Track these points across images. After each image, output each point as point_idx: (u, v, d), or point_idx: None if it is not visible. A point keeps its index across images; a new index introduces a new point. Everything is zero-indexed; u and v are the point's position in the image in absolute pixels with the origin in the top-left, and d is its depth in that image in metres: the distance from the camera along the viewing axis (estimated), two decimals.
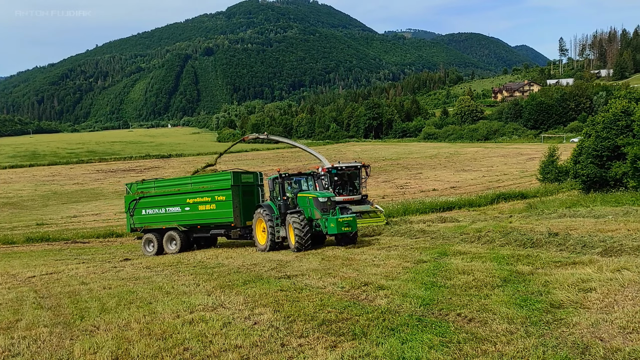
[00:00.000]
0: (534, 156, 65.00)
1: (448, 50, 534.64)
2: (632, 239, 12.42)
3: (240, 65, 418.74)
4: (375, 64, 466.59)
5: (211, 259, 17.53)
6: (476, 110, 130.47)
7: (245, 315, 8.70)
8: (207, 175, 21.77)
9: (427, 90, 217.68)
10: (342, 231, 16.59)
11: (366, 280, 10.93)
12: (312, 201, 17.38)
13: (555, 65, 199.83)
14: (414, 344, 6.57)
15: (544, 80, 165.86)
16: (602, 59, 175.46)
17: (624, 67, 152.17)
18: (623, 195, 25.52)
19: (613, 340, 6.14)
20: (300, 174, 19.48)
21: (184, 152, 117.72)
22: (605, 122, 29.75)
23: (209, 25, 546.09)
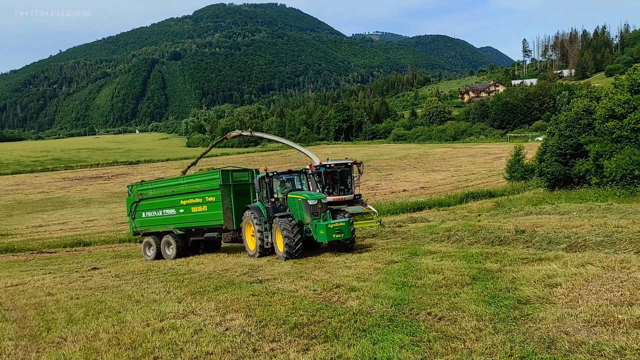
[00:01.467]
0: (500, 155, 66.21)
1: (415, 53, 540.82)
2: (595, 235, 12.76)
3: (208, 70, 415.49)
4: (344, 67, 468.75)
5: (182, 266, 17.33)
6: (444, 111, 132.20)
7: (216, 322, 8.64)
8: (198, 175, 20.30)
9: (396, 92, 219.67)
10: (333, 239, 14.85)
11: (338, 283, 10.97)
12: (301, 203, 15.73)
13: (520, 66, 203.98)
14: (385, 344, 6.63)
15: (508, 81, 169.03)
16: (564, 59, 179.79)
17: (585, 67, 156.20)
18: (586, 192, 26.19)
19: (578, 334, 6.30)
20: (290, 172, 17.77)
21: (153, 158, 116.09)
22: (568, 121, 30.51)
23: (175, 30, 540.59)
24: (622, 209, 18.21)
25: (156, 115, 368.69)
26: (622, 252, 10.97)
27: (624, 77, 28.73)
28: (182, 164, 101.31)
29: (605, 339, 5.99)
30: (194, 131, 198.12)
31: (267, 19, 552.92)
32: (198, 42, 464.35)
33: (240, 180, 18.99)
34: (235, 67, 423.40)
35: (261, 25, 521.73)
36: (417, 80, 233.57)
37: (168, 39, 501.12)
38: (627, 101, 25.37)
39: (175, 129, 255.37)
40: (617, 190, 23.76)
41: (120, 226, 37.87)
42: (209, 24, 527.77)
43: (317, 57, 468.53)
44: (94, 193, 64.41)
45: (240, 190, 18.77)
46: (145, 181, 22.61)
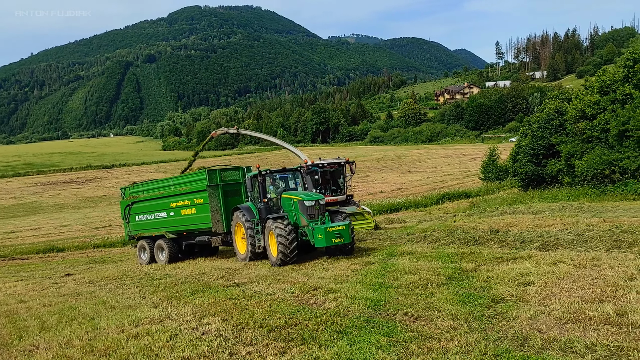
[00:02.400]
0: (475, 156, 67.00)
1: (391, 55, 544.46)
2: (567, 233, 13.01)
3: (184, 72, 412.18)
4: (320, 69, 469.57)
5: (158, 270, 17.16)
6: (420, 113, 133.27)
7: (193, 326, 8.57)
8: (186, 176, 19.40)
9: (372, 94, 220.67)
10: (333, 244, 13.81)
11: (315, 285, 10.98)
12: (296, 205, 14.56)
13: (493, 68, 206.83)
14: (362, 345, 6.65)
15: (482, 83, 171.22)
16: (536, 62, 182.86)
17: (557, 69, 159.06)
18: (559, 192, 26.66)
19: (550, 331, 6.41)
20: (285, 169, 16.58)
21: (128, 162, 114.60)
22: (540, 122, 31.04)
23: (150, 32, 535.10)
24: (593, 208, 18.60)
25: (131, 118, 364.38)
26: (593, 250, 11.21)
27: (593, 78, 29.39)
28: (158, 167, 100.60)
29: (576, 335, 6.11)
30: (170, 134, 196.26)
31: (242, 21, 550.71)
32: (173, 44, 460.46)
33: (229, 179, 17.74)
34: (211, 69, 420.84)
35: (237, 27, 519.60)
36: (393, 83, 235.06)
37: (142, 41, 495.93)
38: (597, 102, 25.92)
39: (150, 132, 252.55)
40: (588, 190, 24.24)
41: (94, 231, 37.30)
42: (184, 26, 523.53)
43: (293, 60, 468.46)
44: (68, 198, 63.31)
45: (230, 190, 17.55)
46: (137, 183, 21.87)
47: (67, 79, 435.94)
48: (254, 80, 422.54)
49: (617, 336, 5.92)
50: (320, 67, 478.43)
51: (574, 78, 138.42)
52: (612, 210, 16.85)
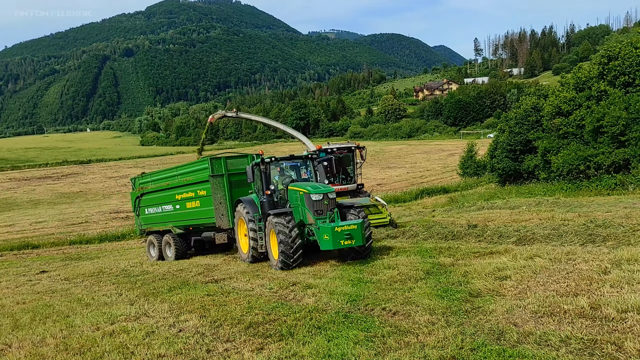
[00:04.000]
0: (454, 152, 67.55)
1: (371, 51, 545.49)
2: (543, 228, 13.18)
3: (162, 67, 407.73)
4: (300, 65, 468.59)
5: (135, 267, 16.95)
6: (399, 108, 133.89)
7: (170, 323, 8.47)
8: (189, 165, 17.58)
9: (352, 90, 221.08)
10: (341, 246, 11.63)
11: (294, 280, 10.95)
12: (302, 198, 12.56)
13: (472, 64, 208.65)
14: (340, 341, 6.65)
15: (461, 79, 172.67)
16: (513, 58, 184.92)
17: (534, 66, 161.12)
18: (535, 187, 27.02)
19: (526, 324, 6.47)
20: (293, 157, 14.54)
21: (105, 157, 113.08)
22: (517, 118, 31.41)
23: (127, 26, 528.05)
24: (568, 203, 18.86)
25: (108, 113, 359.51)
26: (568, 244, 11.38)
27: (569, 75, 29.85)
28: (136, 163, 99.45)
29: (551, 329, 6.18)
30: (148, 129, 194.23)
31: (222, 15, 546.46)
32: (151, 38, 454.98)
33: (237, 169, 15.83)
34: (190, 64, 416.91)
35: (216, 21, 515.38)
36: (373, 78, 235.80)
37: (120, 35, 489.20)
38: (573, 99, 26.30)
39: (128, 127, 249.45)
40: (564, 185, 24.60)
41: (70, 228, 36.75)
42: (162, 20, 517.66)
43: (273, 55, 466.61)
44: (43, 194, 62.22)
45: (236, 181, 15.69)
46: (145, 173, 20.55)
47: (42, 72, 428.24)
48: (233, 75, 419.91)
49: (591, 329, 6.01)
50: (300, 62, 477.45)
51: (551, 75, 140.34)
52: (587, 205, 17.09)
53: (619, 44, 26.20)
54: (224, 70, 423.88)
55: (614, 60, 24.83)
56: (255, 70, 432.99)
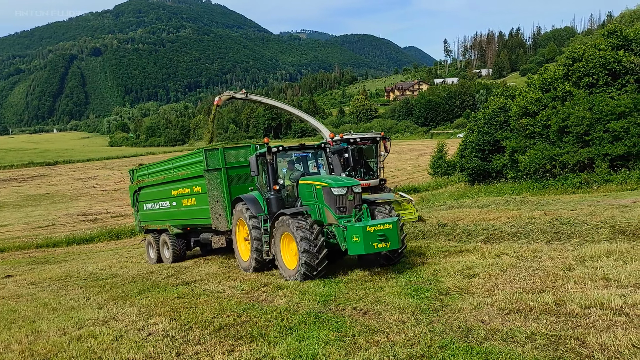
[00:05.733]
0: (425, 152, 68.25)
1: (342, 51, 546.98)
2: (510, 226, 13.43)
3: (131, 66, 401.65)
4: (272, 65, 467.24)
5: (104, 270, 16.70)
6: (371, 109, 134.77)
7: (139, 327, 8.36)
8: (185, 156, 15.58)
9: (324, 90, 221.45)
10: (375, 250, 9.83)
11: (266, 281, 10.93)
12: (320, 193, 10.72)
13: (441, 65, 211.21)
14: (311, 341, 6.66)
15: (431, 80, 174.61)
16: (482, 59, 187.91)
17: (502, 67, 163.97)
18: (503, 186, 27.52)
19: (493, 321, 6.59)
20: (303, 146, 12.50)
21: (73, 159, 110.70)
22: (486, 118, 31.95)
23: (95, 24, 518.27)
24: (535, 201, 19.27)
25: (76, 113, 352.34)
26: (535, 242, 11.63)
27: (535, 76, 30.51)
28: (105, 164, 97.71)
29: (517, 325, 6.31)
30: (117, 130, 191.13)
31: (192, 15, 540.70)
32: (120, 37, 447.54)
33: (237, 161, 13.92)
34: (159, 63, 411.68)
35: (186, 21, 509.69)
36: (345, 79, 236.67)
37: (87, 34, 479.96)
38: (539, 99, 26.87)
39: (96, 128, 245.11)
40: (531, 184, 25.11)
41: (37, 231, 35.93)
42: (131, 19, 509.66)
43: (244, 55, 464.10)
44: (8, 196, 60.56)
45: (236, 175, 13.81)
46: (142, 165, 18.93)
47: (6, 72, 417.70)
48: (204, 75, 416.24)
49: (556, 325, 6.15)
50: (272, 62, 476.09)
51: (518, 76, 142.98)
52: (553, 203, 17.48)
53: (583, 46, 26.87)
54: (194, 70, 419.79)
55: (579, 61, 25.46)
56: (227, 70, 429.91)
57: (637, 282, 7.46)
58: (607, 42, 25.50)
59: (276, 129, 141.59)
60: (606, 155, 22.80)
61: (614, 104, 22.98)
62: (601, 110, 23.05)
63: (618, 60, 24.25)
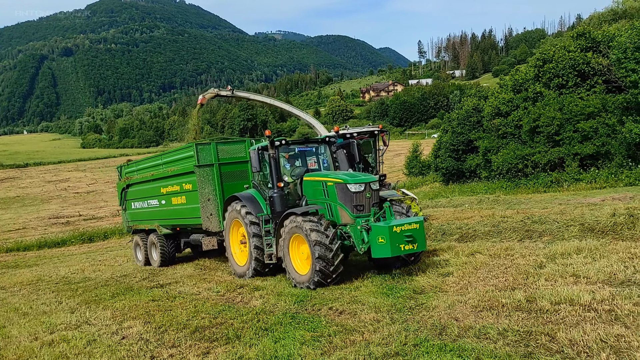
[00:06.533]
0: (400, 152, 68.68)
1: (318, 52, 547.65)
2: (483, 225, 13.63)
3: (104, 67, 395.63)
4: (247, 65, 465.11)
5: (77, 274, 16.43)
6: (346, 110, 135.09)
7: (112, 331, 8.27)
8: (175, 151, 14.80)
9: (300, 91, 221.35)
10: (402, 252, 9.17)
11: (242, 283, 10.90)
12: (332, 190, 9.98)
13: (416, 66, 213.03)
14: (287, 342, 6.67)
15: (406, 81, 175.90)
16: (455, 61, 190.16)
17: (475, 68, 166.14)
18: (477, 185, 27.87)
19: (466, 319, 6.69)
20: (307, 140, 12.03)
21: (44, 161, 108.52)
22: (460, 119, 32.33)
23: (66, 24, 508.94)
24: (507, 200, 19.56)
25: (46, 114, 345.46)
26: (507, 241, 11.83)
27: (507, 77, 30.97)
28: (77, 166, 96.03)
29: (490, 322, 6.41)
30: (90, 131, 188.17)
31: (166, 15, 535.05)
32: (92, 37, 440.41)
33: (231, 157, 13.20)
34: (133, 64, 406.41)
35: (160, 21, 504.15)
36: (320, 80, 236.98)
37: (58, 33, 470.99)
38: (511, 100, 27.29)
39: (68, 130, 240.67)
40: (504, 183, 25.48)
41: (7, 234, 35.15)
42: (104, 19, 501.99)
43: (219, 55, 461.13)
44: None
45: (230, 172, 13.09)
46: (131, 161, 18.04)
47: None
48: (178, 76, 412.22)
49: (527, 321, 6.27)
50: (247, 63, 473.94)
51: (491, 77, 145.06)
52: (525, 202, 17.76)
53: (553, 48, 27.37)
54: (168, 70, 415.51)
55: (549, 63, 25.92)
56: (201, 71, 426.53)
57: (606, 278, 7.65)
58: (576, 44, 26.02)
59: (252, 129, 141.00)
60: (576, 155, 23.27)
61: (583, 105, 23.47)
62: (571, 111, 23.52)
63: (587, 62, 24.77)
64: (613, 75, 23.61)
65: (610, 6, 44.94)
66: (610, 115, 22.92)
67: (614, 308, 6.28)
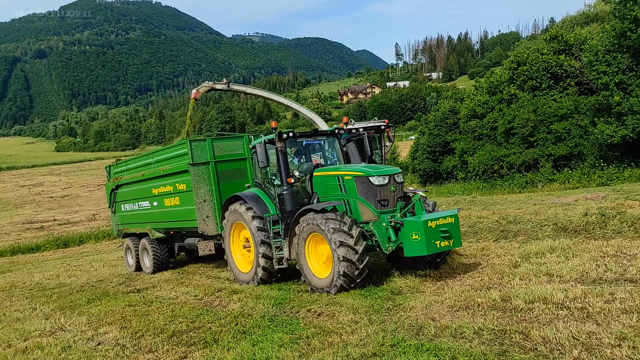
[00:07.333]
0: None
1: (295, 54, 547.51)
2: (460, 225, 13.75)
3: (78, 69, 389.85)
4: (224, 68, 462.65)
5: (51, 280, 16.16)
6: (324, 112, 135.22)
7: (88, 337, 8.16)
8: (167, 148, 13.93)
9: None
10: (438, 250, 8.49)
11: (220, 286, 10.86)
12: (351, 185, 9.18)
13: (393, 68, 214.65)
14: (265, 345, 6.67)
15: (384, 83, 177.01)
16: (432, 63, 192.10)
17: (451, 70, 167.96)
18: (454, 187, 28.18)
19: (443, 319, 6.77)
20: (316, 132, 11.25)
21: (17, 165, 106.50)
22: (436, 121, 32.69)
23: (39, 26, 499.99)
24: (484, 201, 19.80)
25: (19, 118, 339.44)
26: (483, 241, 11.99)
27: (483, 79, 31.40)
28: (51, 170, 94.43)
29: (466, 321, 6.49)
30: (64, 135, 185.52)
31: (141, 17, 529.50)
32: (66, 39, 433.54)
33: (228, 154, 12.36)
34: (108, 66, 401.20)
35: (135, 23, 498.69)
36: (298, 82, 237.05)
37: (31, 35, 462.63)
38: (486, 102, 27.69)
39: (42, 133, 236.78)
40: (480, 184, 25.83)
41: None
42: (78, 21, 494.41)
43: (196, 58, 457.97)
44: None
45: (227, 171, 12.29)
46: (120, 160, 17.08)
47: None
48: (155, 78, 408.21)
49: (502, 320, 6.37)
50: (224, 65, 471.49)
51: (467, 79, 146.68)
52: (501, 202, 17.98)
53: (527, 51, 27.85)
54: (145, 73, 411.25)
55: (523, 65, 26.36)
56: (178, 73, 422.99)
57: (578, 277, 7.81)
58: (549, 46, 26.51)
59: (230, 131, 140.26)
60: (550, 156, 23.69)
61: (556, 106, 23.92)
62: (544, 113, 23.94)
63: (560, 64, 25.26)
64: (585, 77, 24.10)
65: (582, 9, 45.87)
66: (583, 116, 23.41)
67: (585, 306, 6.41)
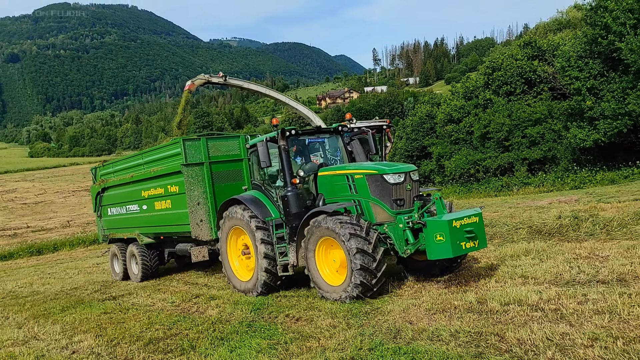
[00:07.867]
0: None
1: (274, 59, 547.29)
2: None
3: (52, 73, 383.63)
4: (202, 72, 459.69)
5: (24, 288, 15.85)
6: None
7: (62, 345, 8.03)
8: (158, 148, 13.18)
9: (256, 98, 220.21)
10: (463, 251, 7.99)
11: (198, 292, 10.78)
12: (362, 184, 8.61)
13: (371, 73, 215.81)
14: (243, 351, 6.63)
15: (361, 88, 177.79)
16: (409, 68, 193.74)
17: (428, 75, 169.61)
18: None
19: (420, 322, 6.82)
20: (319, 129, 10.52)
21: None
22: (414, 126, 32.98)
23: (12, 30, 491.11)
24: (461, 205, 20.01)
25: None
26: None
27: (459, 85, 31.80)
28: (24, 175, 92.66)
29: (443, 324, 6.55)
30: (38, 140, 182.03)
31: (117, 20, 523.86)
32: (39, 43, 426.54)
33: (223, 155, 11.74)
34: (83, 70, 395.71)
35: (111, 27, 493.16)
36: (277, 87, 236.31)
37: (4, 39, 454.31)
38: (462, 107, 28.05)
39: (15, 138, 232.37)
40: (457, 188, 26.12)
41: None
42: (52, 24, 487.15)
43: (173, 62, 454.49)
44: None
45: (223, 172, 11.67)
46: (107, 161, 16.20)
47: None
48: (131, 83, 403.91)
49: (478, 322, 6.44)
50: (202, 70, 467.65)
51: (443, 84, 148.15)
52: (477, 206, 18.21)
53: (502, 56, 28.31)
54: (120, 77, 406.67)
55: (498, 71, 26.80)
56: (155, 77, 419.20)
57: (552, 278, 7.94)
58: (523, 52, 26.99)
59: None
60: (524, 160, 24.08)
61: (530, 111, 24.34)
62: (519, 117, 24.35)
63: (533, 70, 25.73)
64: (558, 82, 24.58)
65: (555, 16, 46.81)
66: (556, 121, 23.86)
67: (559, 307, 6.52)
